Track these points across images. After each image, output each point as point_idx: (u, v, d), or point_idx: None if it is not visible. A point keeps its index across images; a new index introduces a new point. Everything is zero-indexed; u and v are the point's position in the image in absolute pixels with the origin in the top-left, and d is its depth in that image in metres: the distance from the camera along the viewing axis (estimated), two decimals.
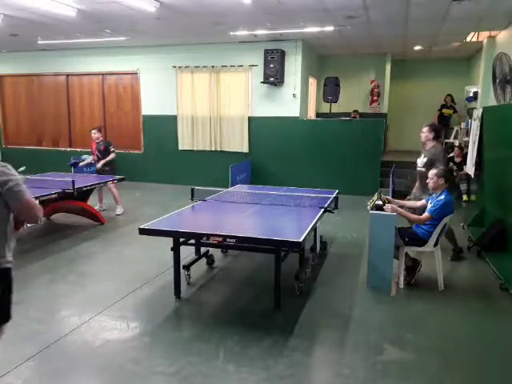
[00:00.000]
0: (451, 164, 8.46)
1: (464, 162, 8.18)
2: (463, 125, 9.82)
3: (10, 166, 2.14)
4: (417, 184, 5.20)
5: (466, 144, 8.39)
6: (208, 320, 3.54)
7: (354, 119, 10.26)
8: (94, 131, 7.41)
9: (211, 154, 9.97)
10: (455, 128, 10.56)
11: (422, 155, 5.10)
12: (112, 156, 7.34)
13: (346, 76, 10.98)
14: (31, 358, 2.92)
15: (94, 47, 10.04)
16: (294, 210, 4.56)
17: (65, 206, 6.24)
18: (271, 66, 8.98)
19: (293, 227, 4.06)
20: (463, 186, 8.16)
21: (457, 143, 9.70)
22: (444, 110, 10.81)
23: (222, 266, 4.83)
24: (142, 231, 3.68)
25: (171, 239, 3.87)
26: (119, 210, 7.21)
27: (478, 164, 6.59)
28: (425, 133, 5.09)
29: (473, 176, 7.18)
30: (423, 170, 4.89)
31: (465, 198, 8.15)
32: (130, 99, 10.57)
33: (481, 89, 8.88)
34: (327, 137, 9.10)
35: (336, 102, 9.61)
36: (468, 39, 8.77)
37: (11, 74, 11.44)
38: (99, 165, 7.35)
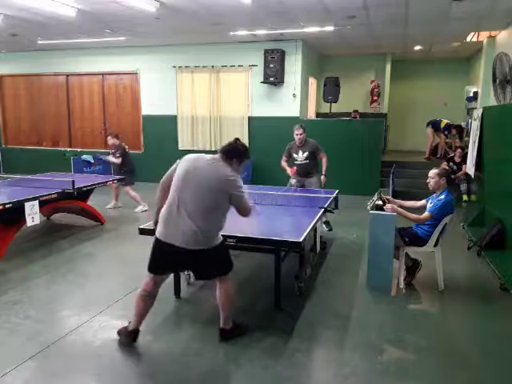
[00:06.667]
0: (451, 164, 8.46)
1: (464, 162, 8.18)
2: (463, 125, 9.81)
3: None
4: None
5: (466, 144, 8.39)
6: (208, 320, 3.53)
7: (354, 119, 10.26)
8: (108, 137, 7.48)
9: (211, 153, 9.94)
10: None
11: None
12: (112, 160, 7.28)
13: (346, 76, 10.96)
14: (31, 357, 2.92)
15: (94, 47, 10.04)
16: (293, 209, 4.56)
17: (65, 206, 6.23)
18: (271, 65, 8.99)
19: (293, 227, 4.05)
20: (463, 186, 8.14)
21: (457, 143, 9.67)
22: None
23: None
24: (142, 231, 3.67)
25: None
26: (139, 209, 7.28)
27: (478, 164, 6.59)
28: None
29: (473, 176, 7.18)
30: None
31: (465, 197, 8.14)
32: (130, 99, 10.58)
33: (481, 89, 8.88)
34: (327, 137, 9.08)
35: (336, 102, 9.60)
36: (468, 39, 8.76)
37: (11, 74, 11.45)
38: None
